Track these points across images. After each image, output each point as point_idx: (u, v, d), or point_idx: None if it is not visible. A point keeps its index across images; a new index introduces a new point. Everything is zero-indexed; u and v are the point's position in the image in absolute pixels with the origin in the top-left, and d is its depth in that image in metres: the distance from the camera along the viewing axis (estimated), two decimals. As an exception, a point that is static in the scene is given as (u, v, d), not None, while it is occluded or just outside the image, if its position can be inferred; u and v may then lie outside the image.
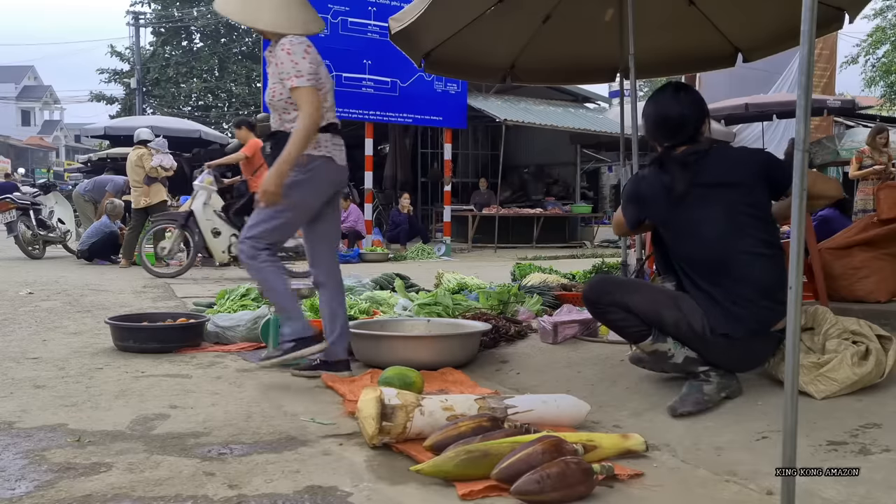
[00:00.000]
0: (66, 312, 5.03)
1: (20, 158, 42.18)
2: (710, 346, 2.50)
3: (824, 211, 6.09)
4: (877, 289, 3.82)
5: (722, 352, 2.51)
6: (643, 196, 2.71)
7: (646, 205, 2.70)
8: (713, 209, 2.52)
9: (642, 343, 2.59)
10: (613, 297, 2.59)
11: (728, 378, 2.54)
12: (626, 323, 2.57)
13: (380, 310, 4.38)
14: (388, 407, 2.17)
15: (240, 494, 1.87)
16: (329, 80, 3.10)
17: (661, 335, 2.54)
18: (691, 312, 2.50)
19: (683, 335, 2.52)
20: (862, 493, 1.84)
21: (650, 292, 2.63)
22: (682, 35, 4.90)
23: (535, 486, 1.80)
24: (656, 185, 2.63)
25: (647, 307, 2.54)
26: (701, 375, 2.52)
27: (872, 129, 9.29)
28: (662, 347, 2.55)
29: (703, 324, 2.48)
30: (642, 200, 2.72)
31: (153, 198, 9.04)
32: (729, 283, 2.49)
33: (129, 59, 28.29)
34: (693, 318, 2.49)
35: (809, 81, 1.67)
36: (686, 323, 2.50)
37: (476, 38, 4.81)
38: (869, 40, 20.22)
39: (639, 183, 2.78)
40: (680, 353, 2.54)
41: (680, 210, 2.56)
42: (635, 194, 2.76)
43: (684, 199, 2.54)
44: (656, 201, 2.64)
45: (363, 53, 11.71)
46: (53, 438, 2.29)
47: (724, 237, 2.51)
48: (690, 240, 2.57)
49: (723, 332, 2.47)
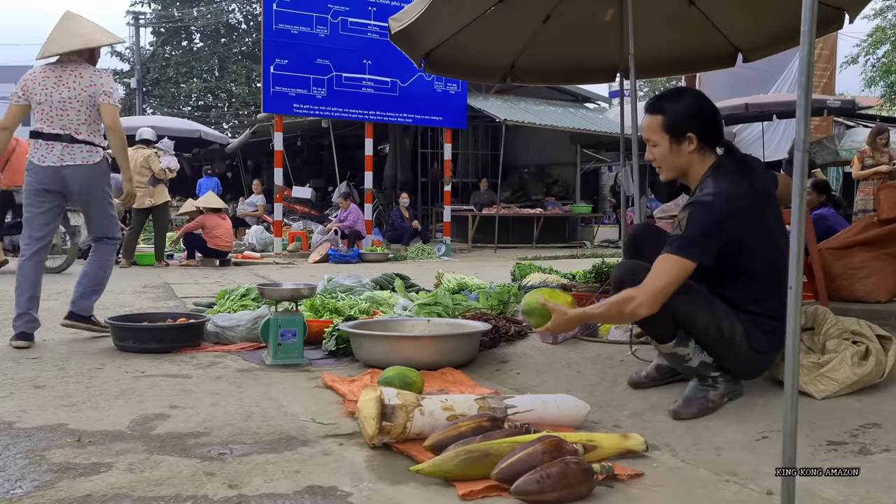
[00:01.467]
0: (66, 312, 5.02)
1: (20, 158, 42.14)
2: (734, 355, 2.43)
3: (820, 210, 6.11)
4: (877, 289, 3.81)
5: (744, 361, 2.46)
6: (729, 215, 2.33)
7: (731, 223, 2.34)
8: (778, 216, 2.47)
9: (665, 343, 2.44)
10: (649, 287, 2.30)
11: (734, 384, 2.49)
12: (657, 319, 2.35)
13: (380, 310, 4.38)
14: (388, 407, 2.17)
15: (240, 494, 1.86)
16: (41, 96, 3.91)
17: (685, 337, 2.43)
18: (723, 317, 2.40)
19: (710, 339, 2.41)
20: (862, 493, 1.84)
21: (687, 289, 2.36)
22: (682, 35, 4.90)
23: (535, 486, 1.80)
24: (738, 194, 2.34)
25: (683, 305, 2.36)
26: (709, 380, 2.46)
27: (873, 130, 9.29)
28: (682, 351, 2.44)
29: (733, 330, 2.39)
30: (725, 221, 2.33)
31: (158, 198, 9.06)
32: (772, 299, 2.37)
33: (129, 59, 28.31)
34: (724, 323, 2.39)
35: (809, 81, 1.67)
36: (716, 327, 2.39)
37: (476, 38, 4.81)
38: (869, 40, 20.21)
39: (718, 206, 2.33)
40: (697, 358, 2.45)
41: (756, 219, 2.38)
42: (719, 219, 2.32)
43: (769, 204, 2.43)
44: (742, 213, 2.35)
45: (363, 53, 11.72)
46: (53, 438, 2.29)
47: (784, 250, 2.44)
48: (761, 253, 2.39)
49: (760, 350, 2.42)
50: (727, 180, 2.39)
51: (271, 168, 13.18)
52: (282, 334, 3.42)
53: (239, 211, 14.52)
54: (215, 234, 9.43)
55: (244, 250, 11.53)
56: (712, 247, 2.31)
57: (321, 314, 4.11)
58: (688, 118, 2.46)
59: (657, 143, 2.51)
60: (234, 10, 28.56)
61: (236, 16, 28.67)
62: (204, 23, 27.40)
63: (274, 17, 11.15)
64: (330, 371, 3.29)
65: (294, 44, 11.26)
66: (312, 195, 15.26)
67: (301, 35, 11.33)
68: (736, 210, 2.34)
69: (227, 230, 9.70)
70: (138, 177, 8.99)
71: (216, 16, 27.66)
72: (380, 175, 14.42)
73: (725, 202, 2.33)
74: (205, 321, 4.00)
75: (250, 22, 28.31)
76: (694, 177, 2.51)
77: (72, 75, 3.93)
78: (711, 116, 2.52)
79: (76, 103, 3.90)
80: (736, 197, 2.35)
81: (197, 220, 9.71)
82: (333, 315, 4.07)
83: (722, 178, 2.40)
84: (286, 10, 11.21)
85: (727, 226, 2.33)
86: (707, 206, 2.32)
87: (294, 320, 3.46)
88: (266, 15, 11.20)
